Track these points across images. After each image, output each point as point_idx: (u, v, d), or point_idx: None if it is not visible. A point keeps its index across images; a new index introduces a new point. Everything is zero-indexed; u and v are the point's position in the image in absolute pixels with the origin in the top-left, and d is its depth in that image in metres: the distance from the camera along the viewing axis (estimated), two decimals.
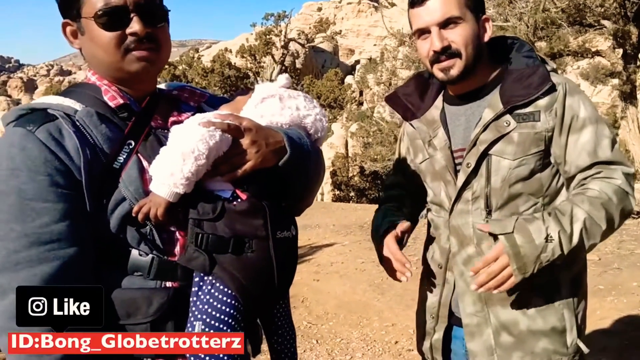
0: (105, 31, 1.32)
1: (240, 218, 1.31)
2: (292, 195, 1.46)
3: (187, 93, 1.55)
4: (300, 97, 1.53)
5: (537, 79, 1.70)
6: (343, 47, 66.30)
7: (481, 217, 1.76)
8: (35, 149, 1.22)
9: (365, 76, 34.87)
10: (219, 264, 1.29)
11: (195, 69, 38.25)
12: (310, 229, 10.76)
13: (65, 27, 1.39)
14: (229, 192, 1.34)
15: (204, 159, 1.26)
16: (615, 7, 10.53)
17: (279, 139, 1.37)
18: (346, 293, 6.52)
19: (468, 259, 1.79)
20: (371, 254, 8.08)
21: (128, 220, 1.28)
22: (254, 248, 1.32)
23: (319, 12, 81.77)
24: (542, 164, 1.73)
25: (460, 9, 1.68)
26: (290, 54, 45.39)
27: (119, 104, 1.37)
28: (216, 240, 1.29)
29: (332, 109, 37.89)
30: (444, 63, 1.72)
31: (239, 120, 1.35)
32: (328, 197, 27.70)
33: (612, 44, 11.32)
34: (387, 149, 17.54)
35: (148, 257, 1.29)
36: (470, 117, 1.82)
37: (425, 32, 1.74)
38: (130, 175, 1.30)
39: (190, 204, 1.31)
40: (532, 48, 1.84)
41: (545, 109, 1.70)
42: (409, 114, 1.98)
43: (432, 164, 1.89)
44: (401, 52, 14.91)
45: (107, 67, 1.38)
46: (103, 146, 1.30)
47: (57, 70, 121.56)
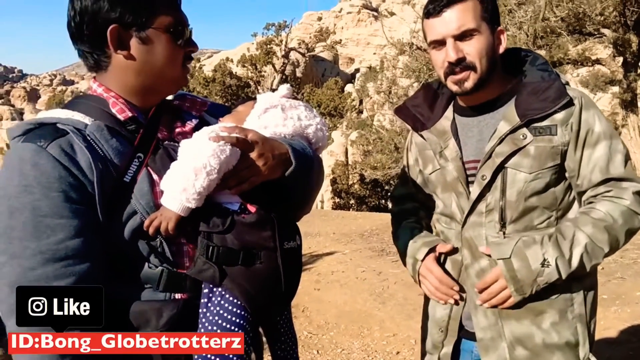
0: (176, 46, 1.39)
1: (249, 230, 1.34)
2: (294, 204, 1.49)
3: (188, 102, 1.56)
4: (301, 107, 1.54)
5: (553, 92, 1.69)
6: (343, 56, 66.47)
7: (495, 230, 1.75)
8: (49, 165, 1.22)
9: (365, 85, 34.89)
10: (229, 276, 1.31)
11: (196, 78, 38.34)
12: (311, 237, 10.73)
13: (114, 33, 1.33)
14: (237, 204, 1.37)
15: (216, 174, 1.27)
16: (615, 15, 10.55)
17: (284, 151, 1.39)
18: (347, 302, 6.47)
19: (481, 271, 1.78)
20: (372, 263, 8.13)
21: (139, 233, 1.29)
22: (263, 259, 1.34)
23: (319, 21, 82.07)
24: (557, 178, 1.73)
25: (476, 21, 1.68)
26: (290, 63, 45.51)
27: (127, 116, 1.37)
28: (226, 252, 1.31)
29: (332, 117, 37.90)
30: (458, 75, 1.71)
31: (244, 133, 1.36)
32: (328, 205, 27.64)
33: (612, 52, 11.34)
34: (387, 157, 17.53)
35: (158, 270, 1.31)
36: (483, 129, 1.81)
37: (440, 43, 1.73)
38: (142, 189, 1.31)
39: (200, 217, 1.32)
40: (546, 61, 1.83)
41: (562, 123, 1.69)
42: (418, 125, 1.97)
43: (443, 175, 1.87)
44: (401, 61, 14.93)
45: (162, 77, 1.40)
46: (114, 160, 1.31)
47: (60, 80, 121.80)
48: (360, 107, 39.36)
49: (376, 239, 10.23)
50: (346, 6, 78.56)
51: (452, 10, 1.68)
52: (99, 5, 1.31)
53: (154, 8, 1.35)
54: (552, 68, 1.80)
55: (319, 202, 27.41)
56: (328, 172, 28.56)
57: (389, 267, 7.79)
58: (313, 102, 39.71)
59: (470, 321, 1.85)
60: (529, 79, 1.77)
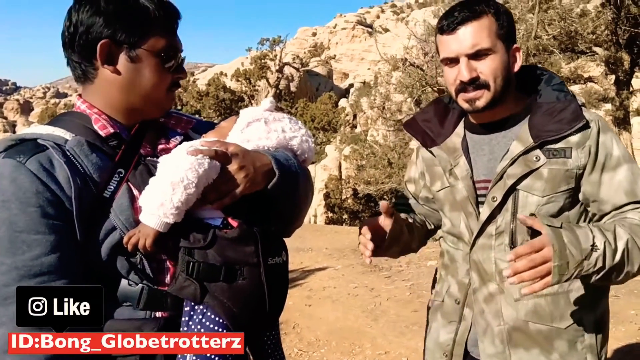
0: (165, 70, 1.39)
1: (231, 245, 1.30)
2: (281, 218, 1.45)
3: (173, 120, 1.55)
4: (286, 119, 1.53)
5: (569, 114, 1.64)
6: (337, 71, 66.90)
7: (505, 253, 1.67)
8: (27, 180, 1.20)
9: (359, 100, 35.11)
10: (210, 293, 1.28)
11: (190, 92, 38.52)
12: (303, 252, 10.67)
13: (105, 48, 1.33)
14: (219, 219, 1.34)
15: (194, 188, 1.25)
16: (607, 34, 10.67)
17: (267, 162, 1.37)
18: (338, 319, 6.40)
19: (490, 296, 1.72)
20: (364, 279, 8.08)
21: (118, 249, 1.27)
22: (246, 275, 1.31)
23: (314, 37, 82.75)
24: (571, 202, 1.67)
25: (491, 40, 1.62)
26: (285, 78, 45.76)
27: (109, 132, 1.37)
28: (207, 268, 1.28)
29: (325, 131, 38.05)
30: (471, 94, 1.66)
31: (225, 146, 1.34)
32: (321, 219, 27.62)
33: (605, 70, 11.44)
34: (380, 171, 17.55)
35: (138, 287, 1.29)
36: (494, 148, 1.75)
37: (453, 60, 1.67)
38: (121, 205, 1.29)
39: (181, 233, 1.30)
40: (562, 81, 1.77)
41: (578, 146, 1.62)
42: (428, 141, 1.91)
43: (452, 193, 1.81)
44: (394, 77, 15.01)
45: (145, 98, 1.40)
46: (93, 175, 1.29)
47: (54, 92, 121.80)
48: (354, 121, 39.54)
49: None
50: (341, 22, 79.31)
51: (467, 28, 1.63)
52: (94, 19, 1.32)
53: (148, 29, 1.35)
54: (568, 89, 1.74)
55: (312, 217, 27.41)
56: (321, 186, 28.61)
57: (381, 283, 7.74)
58: (307, 116, 39.87)
59: (476, 347, 1.77)
60: (544, 98, 1.72)
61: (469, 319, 1.79)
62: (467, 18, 1.63)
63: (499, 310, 1.70)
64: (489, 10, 1.65)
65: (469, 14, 1.63)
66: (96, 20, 1.32)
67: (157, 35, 1.36)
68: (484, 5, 1.66)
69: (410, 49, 13.36)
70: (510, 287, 1.65)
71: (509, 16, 1.70)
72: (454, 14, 1.65)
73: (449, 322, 1.85)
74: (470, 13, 1.63)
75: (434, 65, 12.17)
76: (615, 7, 9.79)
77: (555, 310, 1.65)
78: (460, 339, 1.80)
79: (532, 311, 1.67)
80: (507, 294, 1.69)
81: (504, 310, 1.69)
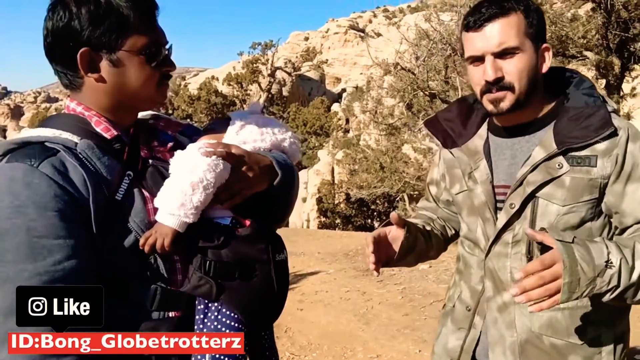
0: (150, 67, 1.36)
1: (244, 244, 1.36)
2: (276, 216, 1.52)
3: (163, 122, 1.56)
4: (273, 122, 1.59)
5: (597, 121, 1.55)
6: (330, 75, 66.96)
7: (521, 262, 1.61)
8: (43, 184, 1.19)
9: (351, 104, 35.13)
10: (228, 290, 1.33)
11: (181, 96, 38.46)
12: (295, 257, 10.64)
13: (84, 56, 1.30)
14: (229, 218, 1.39)
15: (212, 188, 1.30)
16: (598, 38, 10.71)
17: (268, 162, 1.43)
18: (330, 323, 6.39)
19: (504, 305, 1.66)
20: (356, 283, 8.06)
21: (134, 251, 1.28)
22: (257, 272, 1.37)
23: (306, 41, 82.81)
24: (594, 213, 1.58)
25: (519, 39, 1.55)
26: (277, 82, 45.77)
27: (113, 135, 1.36)
28: (222, 266, 1.33)
29: (318, 136, 38.07)
30: (495, 94, 1.58)
31: (228, 148, 1.37)
32: (314, 223, 27.58)
33: (595, 75, 11.49)
34: (372, 176, 17.55)
35: (152, 288, 1.30)
36: (516, 152, 1.68)
37: (478, 59, 1.60)
38: (135, 207, 1.31)
39: (195, 233, 1.34)
40: (592, 85, 1.68)
41: (604, 154, 1.54)
42: (449, 141, 1.84)
43: (470, 197, 1.76)
44: (386, 82, 15.02)
45: (136, 98, 1.38)
46: (108, 177, 1.30)
47: (44, 97, 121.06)
48: (346, 126, 39.55)
49: (361, 258, 10.17)
50: (333, 26, 79.45)
51: (494, 25, 1.55)
52: (69, 27, 1.28)
53: (124, 30, 1.32)
54: (600, 94, 1.65)
55: (305, 221, 27.38)
56: (314, 191, 28.58)
57: (373, 287, 7.73)
58: (299, 120, 39.89)
59: (486, 358, 1.72)
60: (572, 103, 1.63)
61: (478, 327, 1.74)
62: (495, 15, 1.55)
63: (512, 321, 1.65)
64: (518, 7, 1.57)
65: (497, 10, 1.56)
66: (71, 29, 1.28)
67: (135, 34, 1.33)
68: (513, 2, 1.58)
69: (402, 53, 13.37)
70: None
71: (539, 13, 1.62)
72: (481, 10, 1.58)
73: (458, 328, 1.81)
74: (498, 9, 1.56)
75: (425, 70, 12.19)
76: (606, 12, 9.83)
77: (571, 325, 1.59)
78: (468, 347, 1.75)
79: (547, 324, 1.61)
80: (522, 304, 1.61)
81: (518, 321, 1.64)
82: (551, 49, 1.65)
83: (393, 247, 1.69)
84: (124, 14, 1.31)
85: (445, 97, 11.69)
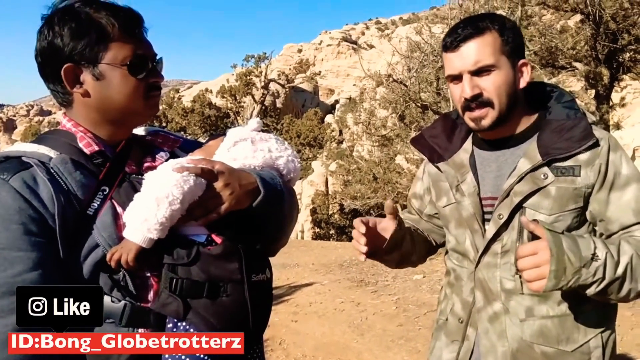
0: (134, 78, 1.36)
1: (215, 262, 1.31)
2: (266, 236, 1.46)
3: (160, 138, 1.56)
4: (272, 140, 1.55)
5: (579, 132, 1.61)
6: (323, 87, 67.15)
7: (510, 272, 1.65)
8: (9, 197, 1.21)
9: (345, 116, 35.23)
10: (193, 309, 1.28)
11: (175, 109, 38.42)
12: (290, 268, 10.63)
13: (69, 72, 1.34)
14: (204, 236, 1.35)
15: (178, 204, 1.26)
16: (587, 49, 10.82)
17: (252, 180, 1.38)
18: (325, 334, 6.38)
19: (495, 316, 1.69)
20: (351, 294, 8.06)
21: (101, 266, 1.27)
22: (229, 292, 1.31)
23: (299, 53, 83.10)
24: (579, 221, 1.64)
25: (494, 57, 1.61)
26: (270, 94, 45.86)
27: (93, 150, 1.37)
28: (190, 284, 1.28)
29: (312, 147, 38.12)
30: (476, 112, 1.65)
31: (211, 164, 1.36)
32: (308, 234, 27.55)
33: (585, 85, 11.59)
34: (366, 187, 17.56)
35: (120, 304, 1.27)
36: (502, 165, 1.73)
37: (457, 77, 1.67)
38: (104, 221, 1.29)
39: (165, 249, 1.30)
40: (572, 98, 1.75)
41: (587, 164, 1.60)
42: (435, 156, 1.89)
43: (458, 210, 1.79)
44: (379, 93, 15.09)
45: (122, 111, 1.39)
46: (77, 193, 1.29)
47: (37, 110, 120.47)
48: (340, 137, 39.61)
49: (355, 269, 10.16)
50: (326, 38, 79.79)
51: (469, 45, 1.62)
52: (53, 44, 1.33)
53: (104, 43, 1.34)
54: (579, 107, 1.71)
55: (299, 233, 27.32)
56: (308, 202, 28.58)
57: (367, 298, 7.73)
58: (293, 132, 39.92)
59: None
60: (554, 116, 1.69)
61: (472, 339, 1.76)
62: (470, 35, 1.62)
63: (503, 331, 1.67)
64: (493, 26, 1.64)
65: (472, 30, 1.63)
66: (55, 46, 1.33)
67: (116, 46, 1.34)
68: (488, 22, 1.65)
69: (395, 64, 13.46)
70: (516, 306, 1.64)
71: (515, 31, 1.68)
72: (457, 30, 1.65)
73: (451, 341, 1.82)
74: (473, 30, 1.63)
75: (417, 81, 12.27)
76: (595, 23, 9.94)
77: (562, 333, 1.62)
78: (463, 358, 1.77)
79: (537, 332, 1.63)
80: (512, 313, 1.66)
81: (509, 331, 1.66)
82: (529, 63, 1.71)
83: (381, 237, 1.72)
84: (104, 27, 1.33)
85: (437, 109, 11.77)
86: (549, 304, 1.64)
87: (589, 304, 1.60)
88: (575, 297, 1.60)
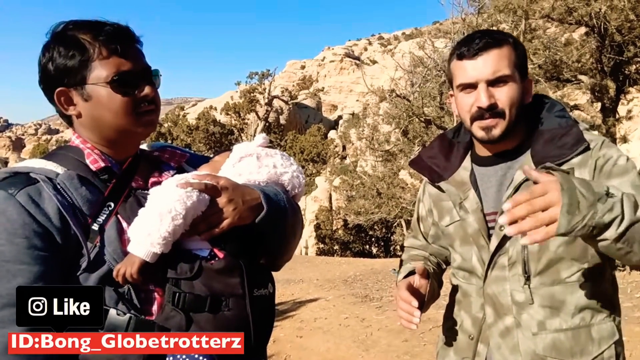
0: (120, 95, 1.36)
1: (217, 277, 1.32)
2: (269, 251, 1.47)
3: (167, 154, 1.58)
4: (277, 156, 1.56)
5: (571, 139, 1.63)
6: (326, 103, 67.53)
7: (520, 283, 1.64)
8: (15, 212, 1.23)
9: (348, 131, 35.36)
10: (195, 323, 1.29)
11: (180, 126, 38.74)
12: (294, 284, 10.60)
13: (60, 95, 1.37)
14: (207, 250, 1.36)
15: (181, 219, 1.28)
16: (592, 62, 10.81)
17: (256, 196, 1.39)
18: (330, 350, 6.33)
19: (506, 330, 1.67)
20: (355, 309, 8.00)
21: (106, 280, 1.28)
22: (231, 306, 1.32)
23: (303, 69, 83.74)
24: None
25: (510, 69, 1.63)
26: (274, 110, 46.16)
27: (100, 167, 1.40)
28: (193, 299, 1.30)
29: (315, 163, 38.25)
30: (487, 121, 1.64)
31: (216, 180, 1.37)
32: (312, 250, 27.51)
33: (590, 98, 11.57)
34: (370, 202, 17.56)
35: (125, 317, 1.27)
36: (502, 179, 1.73)
37: (471, 86, 1.66)
38: (109, 236, 1.31)
39: (168, 264, 1.32)
40: (563, 108, 1.76)
41: (580, 166, 1.60)
42: (435, 176, 1.89)
43: (463, 227, 1.78)
44: (382, 108, 15.16)
45: (114, 129, 1.40)
46: (83, 208, 1.32)
47: (45, 129, 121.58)
48: (343, 153, 39.76)
49: (360, 284, 10.12)
50: (329, 55, 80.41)
51: (489, 55, 1.63)
52: (47, 69, 1.37)
53: (87, 63, 1.35)
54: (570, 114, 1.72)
55: (303, 248, 27.31)
56: (312, 217, 28.58)
57: (372, 313, 7.69)
58: (296, 148, 40.09)
59: None
60: (546, 126, 1.71)
61: (482, 355, 1.73)
62: (490, 45, 1.63)
63: (516, 345, 1.65)
64: (508, 40, 1.67)
65: (490, 41, 1.64)
66: (47, 71, 1.37)
67: (98, 65, 1.35)
68: (503, 35, 1.68)
69: (397, 80, 13.51)
70: (528, 319, 1.63)
71: (523, 49, 1.71)
72: (475, 40, 1.65)
73: (462, 358, 1.80)
74: (492, 40, 1.64)
75: (420, 96, 12.30)
76: (600, 36, 9.93)
77: (575, 345, 1.60)
78: None
79: (550, 346, 1.62)
80: (525, 327, 1.64)
81: (522, 345, 1.64)
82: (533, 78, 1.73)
83: (418, 295, 1.71)
84: (86, 47, 1.35)
85: (440, 123, 11.78)
86: (562, 317, 1.62)
87: (603, 313, 1.60)
88: (588, 309, 1.59)
